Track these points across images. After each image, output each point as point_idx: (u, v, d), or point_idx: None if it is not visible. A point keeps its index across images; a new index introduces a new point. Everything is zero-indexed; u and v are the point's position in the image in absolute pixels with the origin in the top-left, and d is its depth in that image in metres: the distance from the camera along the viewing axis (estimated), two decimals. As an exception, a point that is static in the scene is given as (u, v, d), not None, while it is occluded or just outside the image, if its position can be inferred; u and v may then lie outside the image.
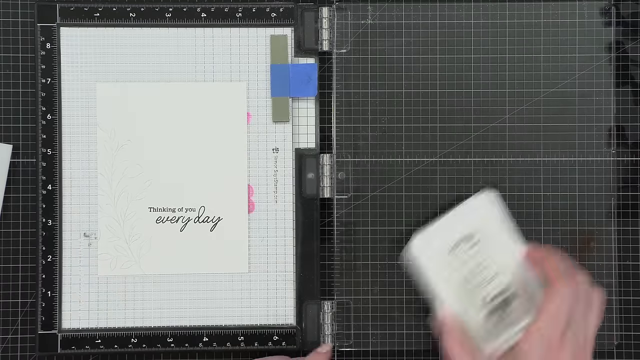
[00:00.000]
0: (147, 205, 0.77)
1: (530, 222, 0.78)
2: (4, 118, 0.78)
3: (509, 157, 0.78)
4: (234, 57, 0.78)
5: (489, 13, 0.78)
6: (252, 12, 0.77)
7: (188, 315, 0.77)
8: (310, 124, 0.78)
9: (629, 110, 0.79)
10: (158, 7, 0.77)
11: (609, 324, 0.78)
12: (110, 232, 0.76)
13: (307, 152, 0.78)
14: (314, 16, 0.77)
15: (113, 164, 0.76)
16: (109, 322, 0.77)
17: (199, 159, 0.77)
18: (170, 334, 0.76)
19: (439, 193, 0.78)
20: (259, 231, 0.78)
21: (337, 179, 0.78)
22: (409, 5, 0.78)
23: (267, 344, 0.77)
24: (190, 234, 0.77)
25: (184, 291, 0.77)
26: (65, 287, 0.76)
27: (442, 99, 0.78)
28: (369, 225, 0.78)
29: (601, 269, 0.78)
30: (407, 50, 0.79)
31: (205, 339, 0.77)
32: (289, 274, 0.77)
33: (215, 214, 0.77)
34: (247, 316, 0.77)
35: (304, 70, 0.78)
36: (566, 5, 0.79)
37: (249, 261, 0.77)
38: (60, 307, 0.76)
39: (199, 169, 0.77)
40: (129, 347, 0.76)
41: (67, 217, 0.76)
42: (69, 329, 0.76)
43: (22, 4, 0.78)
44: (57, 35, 0.76)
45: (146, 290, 0.77)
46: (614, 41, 0.79)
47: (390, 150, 0.78)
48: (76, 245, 0.77)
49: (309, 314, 0.77)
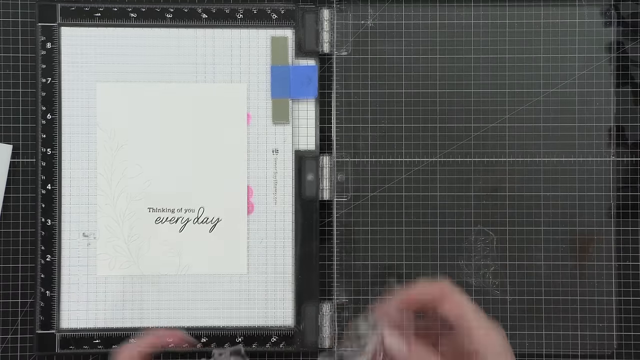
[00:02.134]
0: (146, 205, 0.77)
1: (530, 222, 0.78)
2: (4, 118, 0.78)
3: (509, 157, 0.78)
4: (234, 58, 0.78)
5: (489, 13, 0.79)
6: (253, 14, 0.77)
7: (186, 315, 0.77)
8: (310, 125, 0.78)
9: (629, 111, 0.79)
10: (159, 7, 0.77)
11: (608, 324, 0.78)
12: (109, 232, 0.76)
13: (307, 154, 0.78)
14: (314, 18, 0.78)
15: (113, 164, 0.76)
16: (107, 322, 0.76)
17: (199, 159, 0.77)
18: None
19: (439, 193, 0.78)
20: (258, 232, 0.77)
21: (337, 180, 0.78)
22: (409, 6, 0.79)
23: (266, 345, 0.77)
24: (190, 234, 0.77)
25: (183, 292, 0.77)
26: (64, 287, 0.76)
27: (442, 99, 0.78)
28: (369, 226, 0.78)
29: (601, 269, 0.78)
30: (407, 51, 0.79)
31: (204, 339, 0.76)
32: (288, 275, 0.77)
33: (214, 214, 0.77)
34: (246, 317, 0.77)
35: (304, 71, 0.78)
36: (566, 5, 0.79)
37: (248, 262, 0.77)
38: (58, 307, 0.76)
39: (198, 170, 0.77)
40: (127, 348, 0.76)
41: (66, 217, 0.76)
42: (68, 328, 0.76)
43: (22, 3, 0.78)
44: (57, 35, 0.76)
45: (145, 290, 0.77)
46: (614, 41, 0.79)
47: (390, 151, 0.78)
48: (75, 245, 0.77)
49: (308, 315, 0.77)
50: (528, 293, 0.78)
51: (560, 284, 0.78)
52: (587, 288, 0.78)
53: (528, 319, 0.78)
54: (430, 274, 0.78)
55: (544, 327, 0.78)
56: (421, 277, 0.68)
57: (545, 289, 0.78)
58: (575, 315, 0.78)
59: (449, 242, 0.78)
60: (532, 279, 0.78)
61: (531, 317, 0.78)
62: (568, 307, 0.78)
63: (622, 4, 0.79)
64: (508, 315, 0.78)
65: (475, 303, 0.60)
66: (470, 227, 0.78)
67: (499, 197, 0.78)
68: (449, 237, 0.78)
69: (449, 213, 0.78)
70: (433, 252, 0.78)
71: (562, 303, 0.78)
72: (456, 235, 0.78)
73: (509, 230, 0.78)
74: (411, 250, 0.78)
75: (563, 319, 0.78)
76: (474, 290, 0.78)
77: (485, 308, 0.77)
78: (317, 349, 0.77)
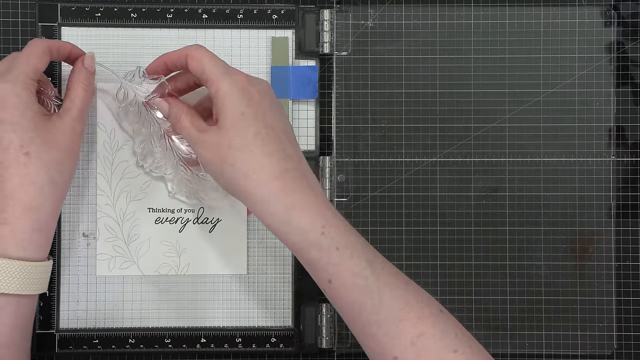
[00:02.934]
0: (146, 205, 0.77)
1: (530, 223, 0.78)
2: (4, 118, 0.78)
3: (509, 157, 0.78)
4: (234, 59, 0.78)
5: (489, 14, 0.79)
6: (253, 14, 0.78)
7: (186, 316, 0.77)
8: (310, 126, 0.78)
9: (629, 111, 0.79)
10: (159, 7, 0.77)
11: (608, 324, 0.78)
12: (109, 232, 0.76)
13: (307, 155, 0.77)
14: (315, 18, 0.78)
15: (112, 164, 0.76)
16: (106, 322, 0.76)
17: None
18: (168, 334, 0.76)
19: (439, 193, 0.78)
20: (258, 233, 0.77)
21: (337, 181, 0.78)
22: (409, 6, 0.79)
23: (265, 346, 0.76)
24: (189, 235, 0.77)
25: (182, 292, 0.77)
26: (64, 287, 0.76)
27: (442, 99, 0.78)
28: (369, 226, 0.78)
29: (600, 269, 0.78)
30: (407, 51, 0.79)
31: (203, 340, 0.76)
32: (288, 276, 0.77)
33: (214, 215, 0.77)
34: (245, 318, 0.77)
35: (304, 72, 0.78)
36: (566, 5, 0.79)
37: (248, 263, 0.77)
38: (58, 307, 0.76)
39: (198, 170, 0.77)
40: (126, 348, 0.76)
41: (66, 217, 0.76)
42: (67, 328, 0.76)
43: (22, 3, 0.78)
44: (58, 35, 0.76)
45: (144, 290, 0.77)
46: (614, 42, 0.79)
47: (390, 151, 0.78)
48: (75, 245, 0.76)
49: (307, 316, 0.77)
50: (528, 293, 0.78)
51: (560, 284, 0.78)
52: (587, 288, 0.78)
53: (528, 319, 0.78)
54: (430, 274, 0.78)
55: (544, 327, 0.78)
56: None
57: (545, 289, 0.78)
58: (575, 316, 0.78)
59: (448, 242, 0.78)
60: (532, 279, 0.78)
61: (531, 317, 0.78)
62: (568, 307, 0.78)
63: (622, 4, 0.79)
64: (508, 315, 0.78)
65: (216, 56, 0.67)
66: (470, 227, 0.78)
67: (499, 197, 0.78)
68: (448, 237, 0.78)
69: (449, 213, 0.78)
70: (433, 253, 0.78)
71: (562, 303, 0.78)
72: (456, 235, 0.78)
73: (509, 230, 0.78)
74: (411, 250, 0.78)
75: (563, 319, 0.78)
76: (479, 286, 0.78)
77: (485, 308, 0.77)
78: (317, 350, 0.77)
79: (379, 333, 0.62)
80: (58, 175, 0.67)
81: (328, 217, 0.64)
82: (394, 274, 0.64)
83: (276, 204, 0.63)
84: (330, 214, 0.64)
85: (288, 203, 0.63)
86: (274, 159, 0.64)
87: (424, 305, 0.63)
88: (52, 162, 0.66)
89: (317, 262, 0.63)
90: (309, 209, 0.63)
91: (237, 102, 0.65)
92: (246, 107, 0.65)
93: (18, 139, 0.65)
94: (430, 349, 0.61)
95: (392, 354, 0.61)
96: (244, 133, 0.64)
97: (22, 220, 0.64)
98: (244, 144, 0.64)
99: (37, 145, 0.65)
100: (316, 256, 0.63)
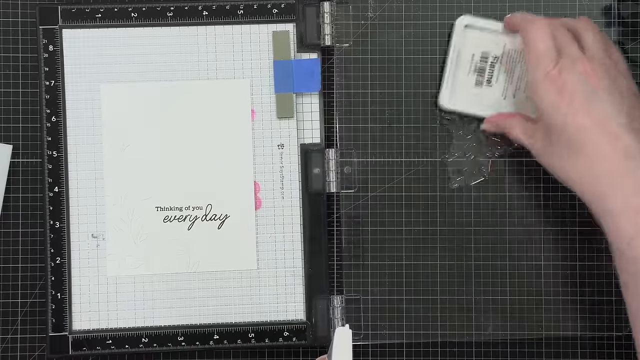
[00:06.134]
0: (154, 204, 0.77)
1: (530, 223, 0.78)
2: (4, 118, 0.78)
3: (509, 157, 0.79)
4: (236, 54, 0.78)
5: (489, 13, 0.78)
6: (253, 9, 0.77)
7: (198, 313, 0.77)
8: (315, 119, 0.78)
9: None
10: (159, 6, 0.77)
11: (608, 325, 0.78)
12: (118, 233, 0.76)
13: (313, 147, 0.78)
14: (315, 11, 0.78)
15: (119, 164, 0.76)
16: (119, 322, 0.77)
17: (205, 157, 0.77)
18: (180, 332, 0.76)
19: (438, 193, 0.79)
20: (267, 227, 0.78)
21: (344, 172, 0.78)
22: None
23: (278, 340, 0.77)
24: (198, 232, 0.77)
25: (193, 289, 0.77)
26: (75, 288, 0.76)
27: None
28: (378, 217, 0.78)
29: (601, 269, 0.79)
30: (407, 42, 0.79)
31: (216, 336, 0.77)
32: (298, 270, 0.78)
33: (222, 211, 0.77)
34: (257, 313, 0.78)
35: (307, 65, 0.78)
36: (566, 5, 0.79)
37: (258, 258, 0.78)
38: (70, 309, 0.76)
39: (205, 167, 0.77)
40: (140, 347, 0.76)
41: (74, 218, 0.76)
42: (80, 330, 0.76)
43: (22, 4, 0.77)
44: (59, 37, 0.76)
45: (155, 289, 0.77)
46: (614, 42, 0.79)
47: (398, 142, 0.78)
48: (84, 246, 0.76)
49: (319, 309, 0.77)
50: (528, 293, 0.78)
51: (560, 284, 0.78)
52: (587, 288, 0.78)
53: (528, 319, 0.78)
54: (438, 274, 0.79)
55: (544, 327, 0.78)
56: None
57: (545, 289, 0.78)
58: (575, 316, 0.78)
59: (448, 242, 0.78)
60: (532, 279, 0.78)
61: (531, 317, 0.78)
62: (568, 308, 0.78)
63: (622, 4, 0.79)
64: (508, 315, 0.78)
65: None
66: (470, 227, 0.79)
67: (499, 196, 0.79)
68: (448, 238, 0.78)
69: (449, 213, 0.79)
70: (433, 252, 0.78)
71: (562, 303, 0.78)
72: (456, 235, 0.79)
73: (509, 230, 0.78)
74: (411, 251, 0.78)
75: (563, 319, 0.78)
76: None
77: (485, 308, 0.78)
78: (329, 342, 0.78)
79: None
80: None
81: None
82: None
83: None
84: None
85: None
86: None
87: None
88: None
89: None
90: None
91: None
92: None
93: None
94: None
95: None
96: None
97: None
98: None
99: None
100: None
